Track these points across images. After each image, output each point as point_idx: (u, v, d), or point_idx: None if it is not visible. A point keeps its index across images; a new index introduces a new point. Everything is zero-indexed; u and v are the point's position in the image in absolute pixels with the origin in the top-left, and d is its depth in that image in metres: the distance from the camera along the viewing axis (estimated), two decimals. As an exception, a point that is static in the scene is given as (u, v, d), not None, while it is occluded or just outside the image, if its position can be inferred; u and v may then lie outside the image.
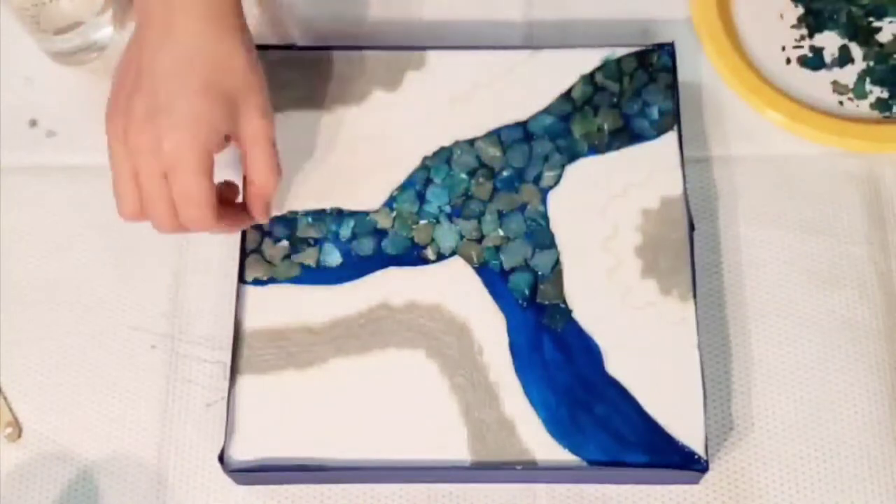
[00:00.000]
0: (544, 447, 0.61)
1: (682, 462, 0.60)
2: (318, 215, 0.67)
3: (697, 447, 0.60)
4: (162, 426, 0.65)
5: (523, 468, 0.61)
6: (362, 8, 0.76)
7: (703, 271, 0.67)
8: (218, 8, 0.60)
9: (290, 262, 0.65)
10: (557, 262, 0.65)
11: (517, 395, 0.62)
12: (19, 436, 0.65)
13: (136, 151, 0.59)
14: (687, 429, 0.61)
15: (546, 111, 0.69)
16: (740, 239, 0.69)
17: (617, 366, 0.62)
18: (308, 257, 0.66)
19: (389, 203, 0.67)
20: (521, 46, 0.73)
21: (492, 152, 0.68)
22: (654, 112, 0.69)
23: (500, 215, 0.66)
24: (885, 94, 0.73)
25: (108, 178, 0.71)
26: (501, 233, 0.66)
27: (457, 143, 0.68)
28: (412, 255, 0.66)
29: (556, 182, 0.67)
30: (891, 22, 0.75)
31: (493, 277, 0.65)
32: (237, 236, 0.66)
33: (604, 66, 0.70)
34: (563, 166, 0.67)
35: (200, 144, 0.58)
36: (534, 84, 0.69)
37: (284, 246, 0.66)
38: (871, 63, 0.74)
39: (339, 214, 0.67)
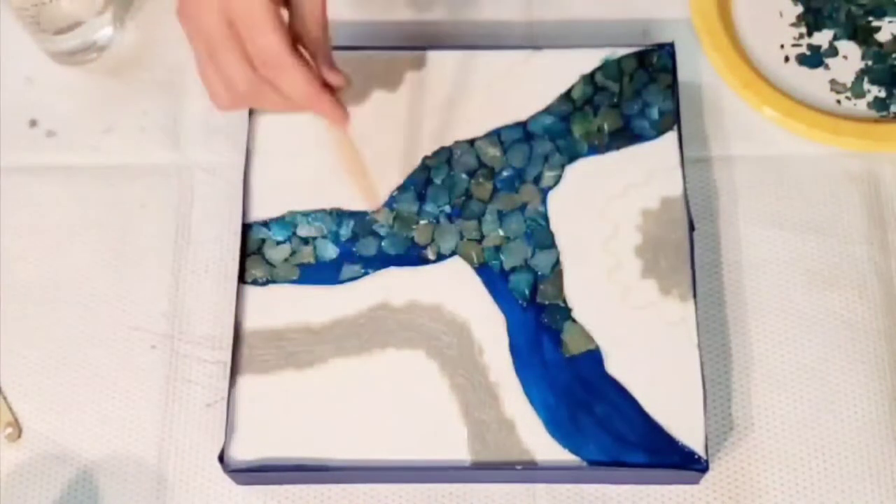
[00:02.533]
0: (544, 447, 0.61)
1: (682, 462, 0.60)
2: (318, 215, 0.67)
3: (697, 447, 0.60)
4: (162, 426, 0.65)
5: (523, 468, 0.61)
6: (362, 8, 0.76)
7: (703, 271, 0.67)
8: None
9: (290, 263, 0.65)
10: (557, 262, 0.65)
11: (517, 395, 0.62)
12: (19, 436, 0.65)
13: (200, 4, 0.56)
14: (687, 429, 0.61)
15: (546, 111, 0.69)
16: (740, 239, 0.69)
17: (617, 366, 0.62)
18: (307, 256, 0.66)
19: (389, 203, 0.67)
20: (521, 46, 0.73)
21: (492, 152, 0.68)
22: (654, 112, 0.69)
23: (500, 215, 0.66)
24: (883, 94, 0.73)
25: (108, 177, 0.72)
26: (501, 233, 0.66)
27: (457, 143, 0.68)
28: (412, 255, 0.66)
29: (556, 182, 0.67)
30: (890, 21, 0.75)
31: (493, 277, 0.65)
32: (237, 236, 0.66)
33: (604, 66, 0.70)
34: (563, 166, 0.67)
35: None
36: (534, 84, 0.70)
37: (285, 248, 0.66)
38: (870, 62, 0.74)
39: (339, 214, 0.67)
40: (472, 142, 0.68)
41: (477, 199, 0.67)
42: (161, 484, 0.64)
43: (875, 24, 0.75)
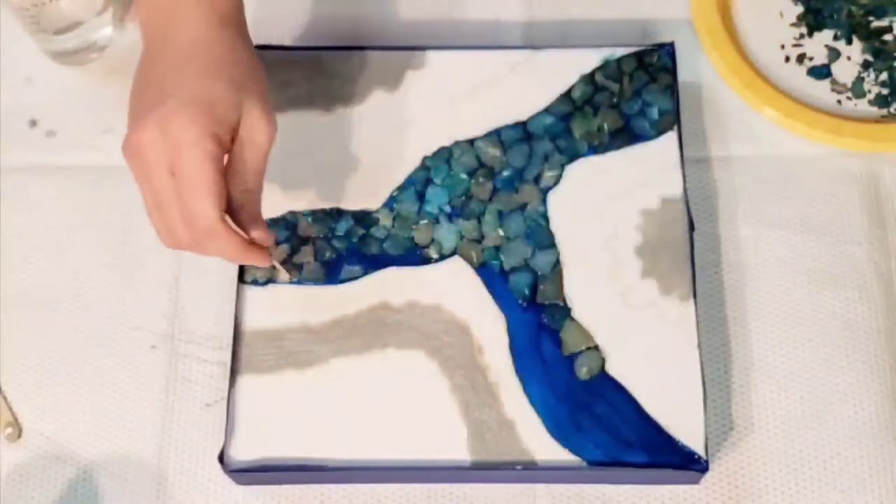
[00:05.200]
0: (544, 447, 0.61)
1: (682, 462, 0.60)
2: (318, 215, 0.67)
3: (697, 447, 0.60)
4: (162, 426, 0.65)
5: (523, 468, 0.61)
6: (362, 8, 0.76)
7: (703, 271, 0.67)
8: (221, 5, 0.58)
9: (290, 264, 0.65)
10: (557, 262, 0.65)
11: (517, 395, 0.62)
12: (19, 436, 0.65)
13: (143, 148, 0.54)
14: (687, 429, 0.61)
15: (546, 111, 0.69)
16: (740, 239, 0.69)
17: (617, 366, 0.62)
18: (306, 256, 0.66)
19: (389, 203, 0.67)
20: (521, 46, 0.73)
21: (492, 152, 0.68)
22: (654, 112, 0.69)
23: (500, 215, 0.66)
24: (884, 93, 0.73)
25: (108, 177, 0.72)
26: (501, 233, 0.66)
27: (457, 143, 0.68)
28: (412, 255, 0.66)
29: (556, 182, 0.67)
30: (890, 21, 0.75)
31: (493, 277, 0.65)
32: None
33: (604, 66, 0.70)
34: (563, 166, 0.67)
35: (206, 123, 0.53)
36: (534, 84, 0.70)
37: (285, 248, 0.66)
38: (871, 62, 0.74)
39: (339, 214, 0.67)
40: (472, 142, 0.68)
41: (477, 199, 0.67)
42: (161, 484, 0.64)
43: (875, 24, 0.75)
